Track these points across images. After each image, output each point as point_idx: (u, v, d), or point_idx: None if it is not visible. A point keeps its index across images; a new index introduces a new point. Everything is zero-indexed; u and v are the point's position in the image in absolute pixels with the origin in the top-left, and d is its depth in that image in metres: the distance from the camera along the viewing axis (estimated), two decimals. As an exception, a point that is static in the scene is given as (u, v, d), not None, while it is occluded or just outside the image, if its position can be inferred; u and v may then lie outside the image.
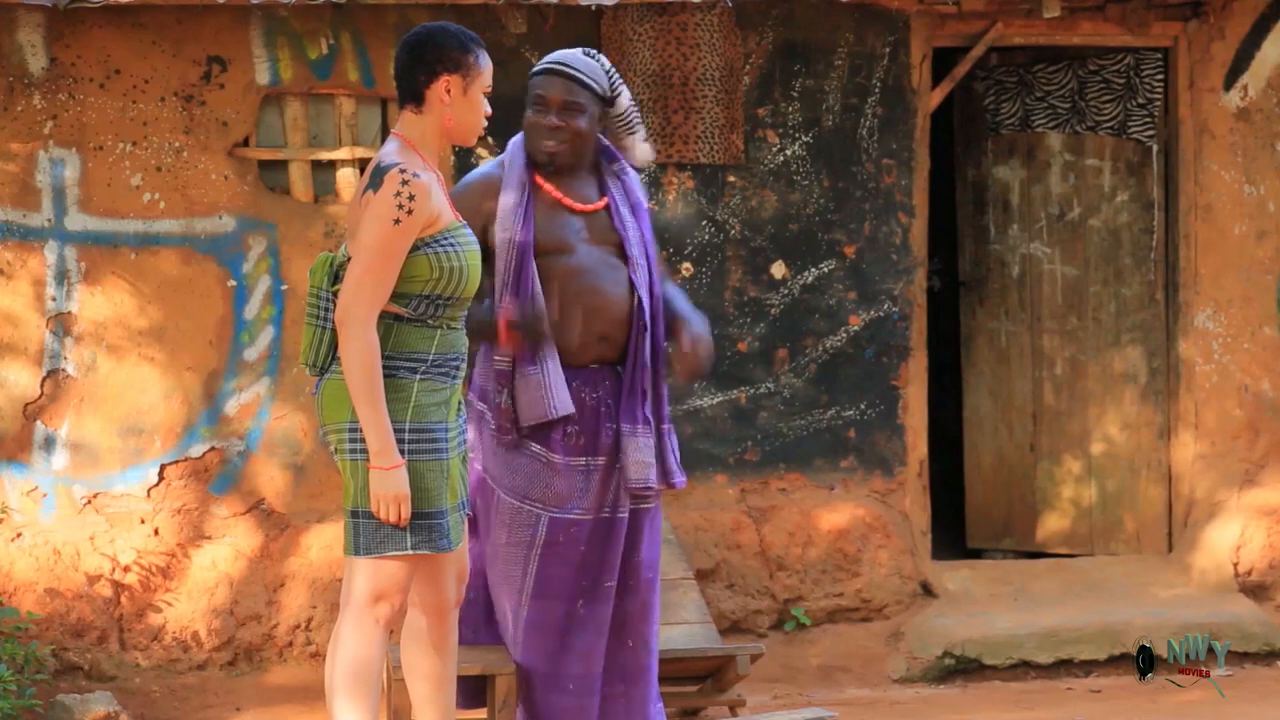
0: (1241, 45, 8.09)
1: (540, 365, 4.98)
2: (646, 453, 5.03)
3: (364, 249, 4.43)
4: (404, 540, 4.44)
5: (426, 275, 4.46)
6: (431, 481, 4.47)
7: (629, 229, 5.04)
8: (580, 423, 5.05)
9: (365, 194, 4.48)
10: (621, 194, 5.09)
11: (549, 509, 5.04)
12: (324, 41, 7.43)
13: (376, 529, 4.43)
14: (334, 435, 4.50)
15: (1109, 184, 8.36)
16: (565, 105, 5.00)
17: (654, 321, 5.07)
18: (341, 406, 4.46)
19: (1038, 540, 8.54)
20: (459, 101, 4.52)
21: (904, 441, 7.92)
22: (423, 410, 4.46)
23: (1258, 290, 8.15)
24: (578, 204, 5.06)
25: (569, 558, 5.05)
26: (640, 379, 5.03)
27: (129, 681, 7.26)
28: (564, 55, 5.11)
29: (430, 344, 4.50)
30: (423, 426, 4.46)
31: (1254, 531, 8.07)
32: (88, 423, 7.36)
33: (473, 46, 4.56)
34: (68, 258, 7.35)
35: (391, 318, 4.49)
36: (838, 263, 7.84)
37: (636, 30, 7.55)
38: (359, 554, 4.48)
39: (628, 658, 5.12)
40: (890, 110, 7.85)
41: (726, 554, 7.68)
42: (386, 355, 4.46)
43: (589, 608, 5.06)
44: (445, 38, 4.55)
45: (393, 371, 4.46)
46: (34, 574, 7.26)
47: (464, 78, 4.52)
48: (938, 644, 7.66)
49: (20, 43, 7.28)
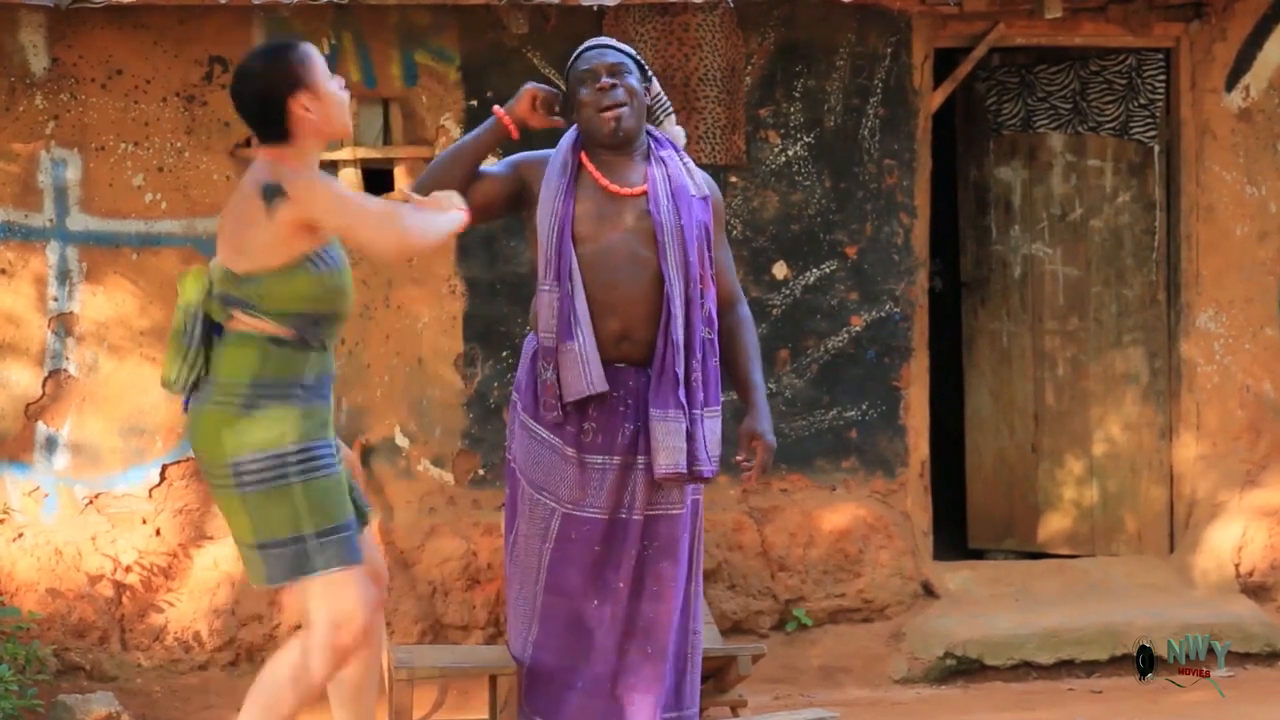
0: (1243, 46, 8.09)
1: (578, 338, 4.98)
2: (678, 438, 5.00)
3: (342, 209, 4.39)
4: (317, 560, 4.41)
5: (308, 294, 4.43)
6: (331, 497, 4.45)
7: (664, 214, 5.02)
8: (597, 420, 5.03)
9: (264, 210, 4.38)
10: (664, 179, 5.07)
11: (563, 504, 5.03)
12: (325, 42, 7.43)
13: (283, 558, 4.41)
14: (217, 470, 4.44)
15: (1111, 185, 8.36)
16: (613, 69, 5.04)
17: (689, 308, 5.03)
18: (215, 443, 4.42)
19: (1039, 541, 8.54)
20: (318, 111, 4.45)
21: (905, 442, 7.92)
22: (304, 432, 4.44)
23: (1259, 291, 8.15)
24: (615, 186, 5.05)
25: (581, 555, 5.03)
26: (672, 364, 5.00)
27: (130, 681, 7.26)
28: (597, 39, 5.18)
29: (306, 367, 4.48)
30: (311, 446, 4.44)
31: (1255, 532, 8.07)
32: (89, 423, 7.36)
33: (292, 56, 4.46)
34: (69, 258, 7.36)
35: (270, 340, 4.45)
36: (839, 263, 7.84)
37: (638, 31, 7.56)
38: (279, 583, 4.45)
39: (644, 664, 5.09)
40: (892, 111, 7.85)
41: (728, 554, 7.68)
42: (264, 381, 4.43)
43: (601, 608, 5.05)
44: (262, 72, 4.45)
45: (268, 399, 4.42)
46: (35, 574, 7.27)
47: (307, 90, 4.44)
48: (939, 644, 7.66)
49: (22, 43, 7.29)
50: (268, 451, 4.41)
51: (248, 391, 4.43)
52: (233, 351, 4.47)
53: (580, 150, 5.08)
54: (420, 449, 7.56)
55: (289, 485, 4.41)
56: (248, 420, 4.42)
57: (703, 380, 5.06)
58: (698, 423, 5.03)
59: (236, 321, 4.47)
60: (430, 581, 7.47)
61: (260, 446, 4.41)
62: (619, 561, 5.05)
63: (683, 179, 5.08)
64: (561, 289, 4.99)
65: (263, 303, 4.43)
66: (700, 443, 5.04)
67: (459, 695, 7.14)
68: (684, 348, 5.01)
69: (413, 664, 6.04)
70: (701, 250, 5.07)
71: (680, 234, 5.02)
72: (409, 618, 7.44)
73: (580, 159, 5.07)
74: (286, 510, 4.41)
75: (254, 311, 4.45)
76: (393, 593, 7.39)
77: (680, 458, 4.99)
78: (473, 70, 7.53)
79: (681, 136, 5.23)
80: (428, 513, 7.55)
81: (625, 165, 5.07)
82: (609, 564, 5.04)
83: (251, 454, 4.40)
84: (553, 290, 5.01)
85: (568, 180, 5.03)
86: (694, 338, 5.04)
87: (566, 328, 4.99)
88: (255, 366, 4.45)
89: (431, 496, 7.57)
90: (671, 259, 5.00)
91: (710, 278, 5.10)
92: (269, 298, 4.43)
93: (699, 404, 5.04)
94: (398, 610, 7.41)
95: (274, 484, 4.41)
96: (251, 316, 4.45)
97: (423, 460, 7.55)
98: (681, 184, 5.07)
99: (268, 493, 4.41)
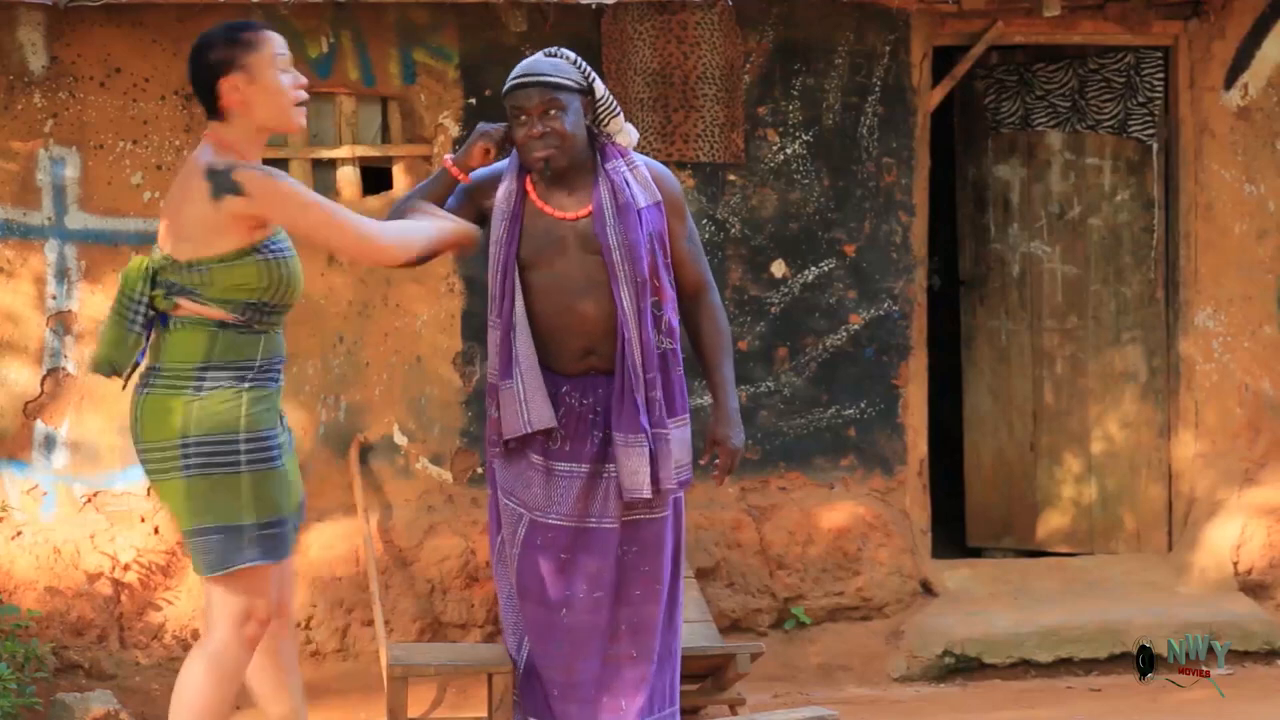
0: (1242, 44, 8.08)
1: (516, 379, 4.95)
2: (640, 461, 4.98)
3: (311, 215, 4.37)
4: (249, 552, 4.37)
5: (255, 284, 4.39)
6: (271, 490, 4.40)
7: (611, 235, 4.96)
8: (566, 428, 5.02)
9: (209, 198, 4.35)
10: (609, 196, 5.01)
11: (530, 511, 5.02)
12: (324, 40, 7.43)
13: (222, 544, 4.36)
14: (156, 454, 4.39)
15: (1109, 183, 8.36)
16: (543, 110, 4.95)
17: (641, 329, 4.99)
18: (163, 424, 4.37)
19: (1038, 539, 8.54)
20: (253, 94, 4.43)
21: (904, 440, 7.92)
22: (255, 419, 4.38)
23: (1258, 289, 8.14)
24: (559, 212, 5.01)
25: (547, 563, 5.00)
26: (631, 387, 4.97)
27: (129, 680, 7.26)
28: (526, 65, 5.04)
29: (256, 349, 4.43)
30: (257, 435, 4.38)
31: (1254, 530, 8.07)
32: (88, 421, 7.36)
33: (239, 37, 4.45)
34: (68, 256, 7.36)
35: (217, 325, 4.40)
36: (838, 261, 7.84)
37: (637, 29, 7.56)
38: (207, 572, 4.39)
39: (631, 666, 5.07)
40: (890, 109, 7.85)
41: (726, 552, 7.68)
42: (214, 364, 4.38)
43: (573, 616, 5.01)
44: (204, 49, 4.46)
45: (217, 381, 4.38)
46: (34, 572, 7.27)
47: (242, 71, 4.41)
48: (938, 643, 7.66)
49: (20, 41, 7.29)
50: (217, 435, 4.35)
51: (196, 374, 4.38)
52: (180, 336, 4.41)
53: (524, 176, 5.04)
54: (419, 447, 7.56)
55: (237, 473, 4.37)
56: (199, 401, 4.36)
57: (665, 396, 5.02)
58: (661, 441, 5.00)
59: (182, 309, 4.41)
60: (429, 580, 7.47)
61: (210, 429, 4.35)
62: (591, 571, 5.00)
63: (628, 193, 4.99)
64: (503, 324, 4.98)
65: (208, 290, 4.38)
66: (665, 460, 5.01)
67: (457, 693, 7.14)
68: (640, 368, 4.98)
69: (410, 662, 6.05)
70: (655, 262, 5.01)
71: (630, 251, 4.96)
72: (407, 616, 7.43)
73: (525, 186, 5.03)
74: (230, 497, 4.36)
75: (199, 298, 4.39)
76: (391, 591, 7.39)
77: (644, 480, 4.97)
78: (471, 68, 7.53)
79: (632, 136, 5.14)
80: (426, 511, 7.55)
81: (570, 187, 5.01)
82: (579, 573, 5.00)
83: (200, 435, 4.35)
84: (495, 327, 5.01)
85: (512, 209, 4.99)
86: (649, 357, 4.99)
87: (506, 366, 4.98)
88: (204, 350, 4.39)
89: (430, 495, 7.57)
90: (623, 278, 4.94)
91: (668, 285, 5.04)
92: (214, 285, 4.38)
93: (662, 421, 5.01)
94: (396, 608, 7.41)
95: (222, 469, 4.36)
96: (197, 303, 4.39)
97: (421, 458, 7.55)
98: (627, 200, 4.98)
99: (212, 477, 4.36)
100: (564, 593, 5.00)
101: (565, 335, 4.98)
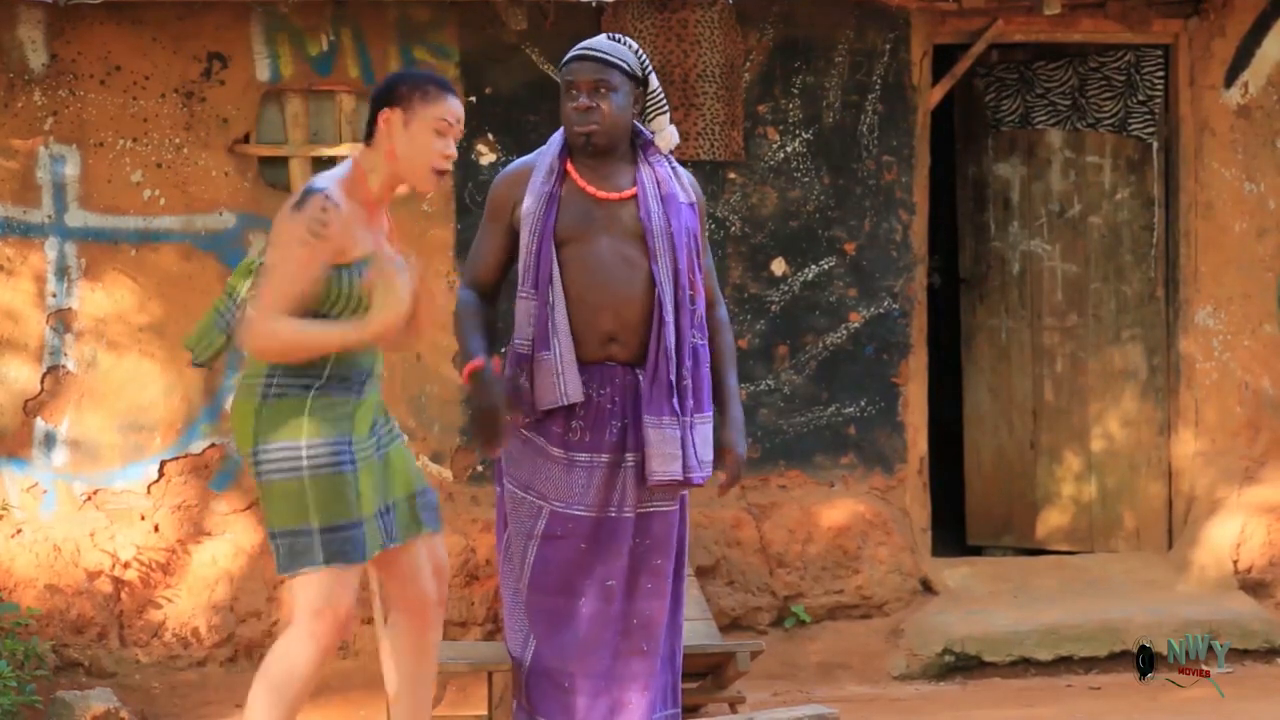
0: (1242, 42, 8.08)
1: (554, 349, 4.98)
2: (673, 445, 5.00)
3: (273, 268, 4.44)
4: (315, 556, 4.47)
5: (324, 296, 4.46)
6: (337, 495, 4.49)
7: (654, 219, 5.01)
8: (584, 418, 5.03)
9: (289, 206, 4.48)
10: (653, 184, 5.06)
11: (550, 502, 5.03)
12: (324, 38, 7.43)
13: (290, 548, 4.47)
14: (247, 459, 4.55)
15: (1109, 181, 8.36)
16: (594, 87, 5.00)
17: (679, 313, 5.03)
18: (244, 431, 4.50)
19: (1038, 537, 8.54)
20: (400, 136, 4.53)
21: (904, 438, 7.93)
22: (319, 426, 4.48)
23: (1258, 287, 8.15)
24: (601, 192, 5.04)
25: (568, 553, 5.03)
26: (664, 371, 5.00)
27: (129, 678, 7.26)
28: (589, 41, 5.12)
29: (325, 360, 4.50)
30: (321, 442, 4.48)
31: (1254, 528, 8.07)
32: (88, 419, 7.36)
33: (422, 84, 4.57)
34: (68, 254, 7.35)
35: None
36: (838, 260, 7.84)
37: (637, 27, 7.55)
38: (279, 572, 4.52)
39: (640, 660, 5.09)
40: (891, 107, 7.85)
41: (727, 551, 7.68)
42: (284, 372, 4.47)
43: (589, 605, 5.04)
44: (396, 77, 4.64)
45: (282, 392, 4.47)
46: (34, 570, 7.27)
47: (404, 111, 4.52)
48: (938, 641, 7.66)
49: (21, 39, 7.29)
50: (280, 443, 4.46)
51: (265, 381, 4.48)
52: None
53: (566, 154, 5.07)
54: (419, 445, 7.56)
55: (300, 479, 4.46)
56: (266, 410, 4.47)
57: (694, 386, 5.06)
58: (689, 429, 5.03)
59: None
60: (429, 578, 7.46)
61: (274, 437, 4.47)
62: (608, 560, 5.03)
63: (672, 185, 5.06)
64: (540, 297, 5.00)
65: None
66: (691, 450, 5.03)
67: (457, 691, 7.14)
68: (675, 353, 5.01)
69: (411, 660, 6.04)
70: (691, 256, 5.06)
71: (670, 239, 5.01)
72: (407, 614, 7.43)
73: (565, 165, 5.06)
74: (294, 502, 4.47)
75: None
76: (391, 589, 7.40)
77: (675, 465, 5.00)
78: (471, 66, 7.52)
79: (673, 139, 5.18)
80: (426, 509, 7.54)
81: (611, 169, 5.05)
82: (597, 562, 5.03)
83: (266, 444, 4.47)
84: (530, 298, 5.02)
85: (552, 186, 5.02)
86: (684, 343, 5.03)
87: (544, 338, 5.00)
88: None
89: (430, 493, 7.56)
90: (663, 263, 4.99)
91: (700, 283, 5.10)
92: None
93: (689, 410, 5.04)
94: (396, 606, 7.41)
95: (287, 475, 4.47)
96: None
97: (421, 456, 7.55)
98: (671, 190, 5.05)
99: (280, 482, 4.47)
100: (582, 581, 5.02)
101: (593, 316, 5.00)
